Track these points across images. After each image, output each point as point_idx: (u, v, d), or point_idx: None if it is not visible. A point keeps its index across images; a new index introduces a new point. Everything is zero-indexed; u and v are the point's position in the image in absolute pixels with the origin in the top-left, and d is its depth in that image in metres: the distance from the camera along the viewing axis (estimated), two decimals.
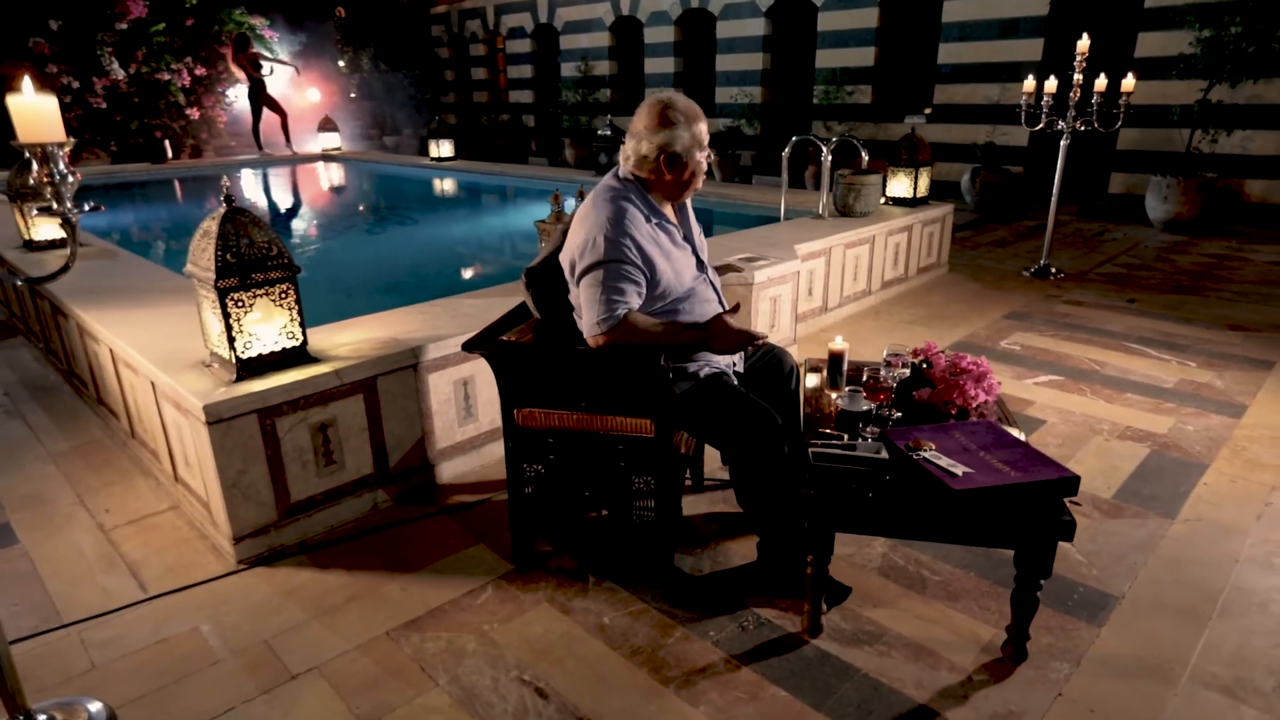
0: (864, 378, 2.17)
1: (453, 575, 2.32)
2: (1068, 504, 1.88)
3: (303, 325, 2.50)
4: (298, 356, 2.50)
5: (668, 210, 2.16)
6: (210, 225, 2.34)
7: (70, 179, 1.42)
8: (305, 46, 15.47)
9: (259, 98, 11.33)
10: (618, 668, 1.94)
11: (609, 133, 7.91)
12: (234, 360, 2.36)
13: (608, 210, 2.01)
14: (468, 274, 6.06)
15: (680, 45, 12.95)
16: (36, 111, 1.38)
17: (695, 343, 2.01)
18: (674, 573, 2.29)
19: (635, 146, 2.08)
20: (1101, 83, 5.39)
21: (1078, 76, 5.38)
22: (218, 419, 2.23)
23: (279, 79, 12.83)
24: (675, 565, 2.32)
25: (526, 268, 2.23)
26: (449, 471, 2.89)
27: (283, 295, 2.42)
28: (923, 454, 1.92)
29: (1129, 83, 5.30)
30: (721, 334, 2.00)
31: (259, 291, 2.36)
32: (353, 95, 16.91)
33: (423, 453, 2.79)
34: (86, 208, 1.45)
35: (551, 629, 2.08)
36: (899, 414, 2.24)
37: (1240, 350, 4.20)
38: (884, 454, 1.97)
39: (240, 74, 11.62)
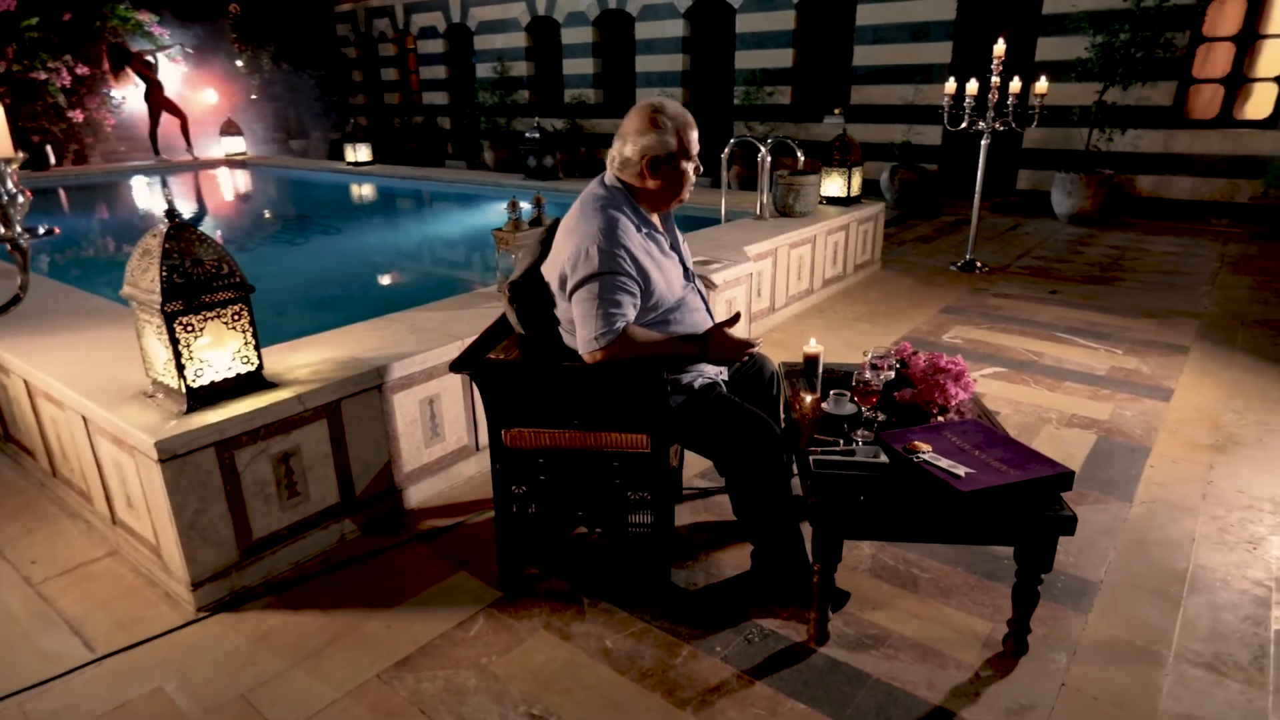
0: (853, 381, 2.17)
1: (439, 607, 2.19)
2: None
3: (258, 349, 2.32)
4: (253, 382, 2.31)
5: (655, 219, 2.10)
6: (151, 243, 2.13)
7: (20, 199, 1.25)
8: (198, 44, 14.58)
9: (156, 99, 10.59)
10: (630, 693, 1.87)
11: (537, 135, 7.76)
12: (184, 390, 2.16)
13: (599, 220, 1.94)
14: (407, 286, 5.83)
15: (599, 46, 12.89)
16: None
17: (693, 355, 1.97)
18: (671, 589, 2.24)
19: (620, 148, 2.02)
20: (1016, 85, 5.66)
21: (995, 79, 5.63)
22: (171, 455, 2.04)
23: (172, 78, 12.05)
24: (671, 581, 2.27)
25: (509, 281, 2.13)
26: (417, 495, 2.74)
27: (236, 317, 2.24)
28: (922, 456, 1.94)
29: (1042, 85, 5.59)
30: (720, 345, 1.96)
31: (209, 314, 2.17)
32: (254, 97, 16.06)
33: (390, 477, 2.64)
34: (41, 231, 1.27)
35: (553, 657, 1.99)
36: (884, 416, 2.26)
37: (1156, 336, 4.48)
38: (883, 458, 1.98)
39: (128, 82, 10.82)
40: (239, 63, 16.18)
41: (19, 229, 1.26)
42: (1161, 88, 8.03)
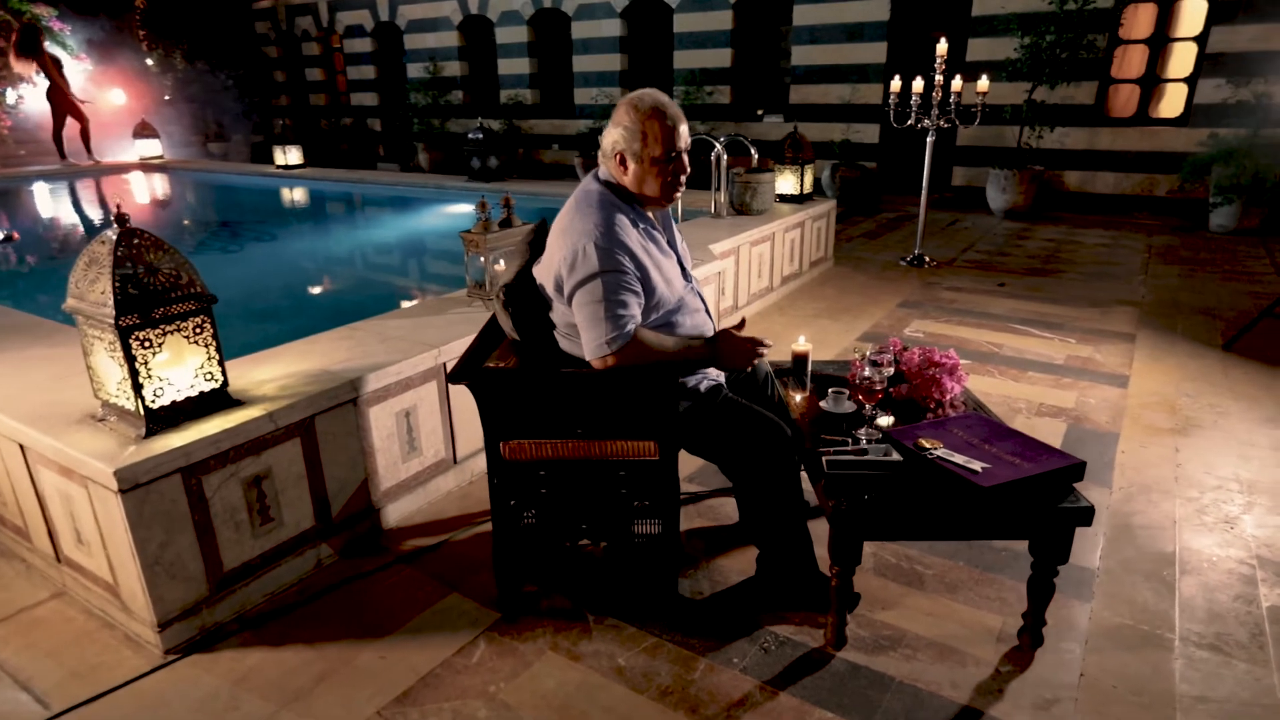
0: (855, 379, 2.14)
1: (434, 633, 2.06)
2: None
3: (222, 364, 2.13)
4: (218, 400, 2.12)
5: (651, 215, 2.02)
6: (99, 251, 1.93)
7: None
8: (104, 39, 13.74)
9: (59, 101, 9.88)
10: (651, 713, 1.79)
11: (480, 136, 7.56)
12: (141, 411, 1.96)
13: (595, 216, 1.84)
14: (357, 294, 5.56)
15: (534, 46, 12.70)
16: None
17: (705, 358, 1.89)
18: (679, 600, 2.16)
19: (602, 138, 1.94)
20: (958, 84, 5.80)
21: (939, 78, 5.76)
22: (133, 485, 1.84)
23: (75, 77, 11.28)
24: (677, 591, 2.19)
25: (503, 285, 2.01)
26: (395, 514, 2.59)
27: (198, 330, 2.05)
28: (935, 453, 1.92)
29: (984, 84, 5.74)
30: (731, 347, 1.89)
31: (169, 328, 1.98)
32: (167, 98, 15.22)
33: (367, 496, 2.48)
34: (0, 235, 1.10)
35: (565, 680, 1.89)
36: (883, 413, 2.23)
37: (1103, 325, 4.65)
38: (896, 456, 1.95)
39: (30, 68, 10.05)
40: (149, 61, 15.31)
41: None
42: (1084, 87, 8.40)
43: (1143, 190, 8.47)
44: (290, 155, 9.20)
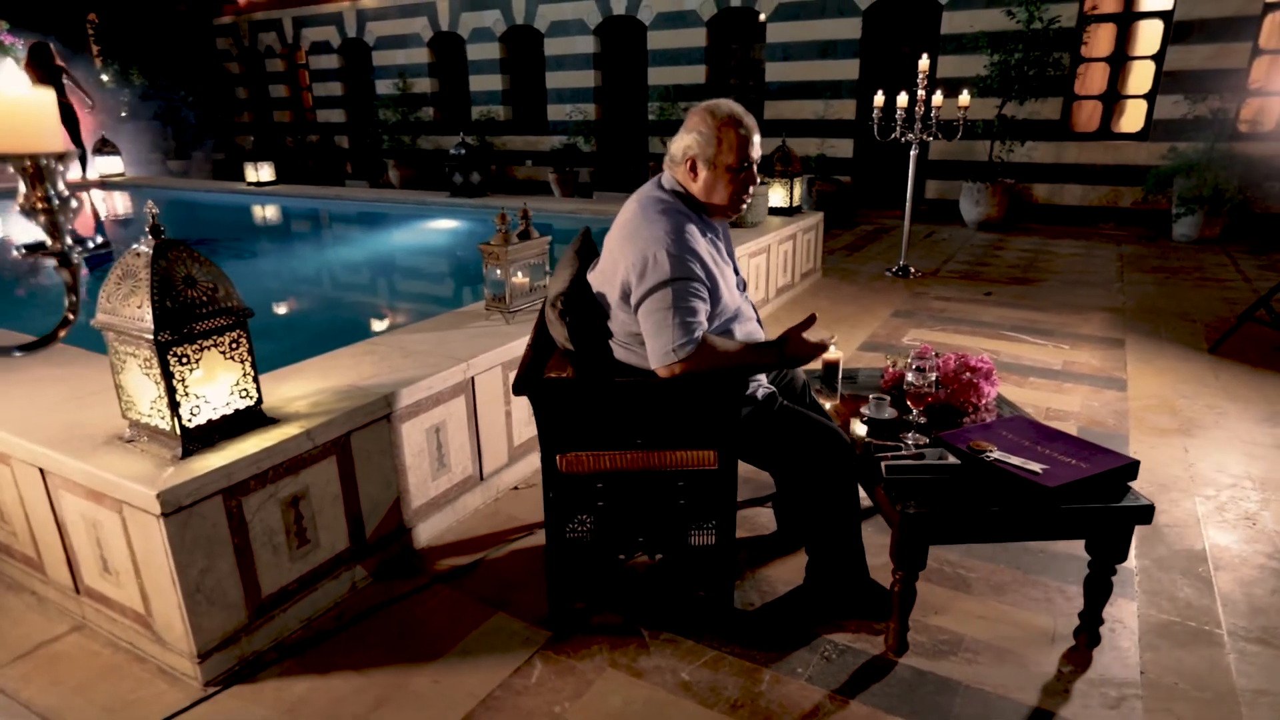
0: (904, 384, 2.15)
1: (486, 654, 1.99)
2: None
3: (256, 380, 2.05)
4: (253, 418, 2.04)
5: (715, 223, 2.01)
6: (135, 264, 1.85)
7: (73, 203, 1.02)
8: (57, 53, 13.33)
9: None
10: None
11: (462, 151, 7.48)
12: (177, 430, 1.87)
13: (665, 223, 1.82)
14: (354, 309, 5.43)
15: (506, 62, 12.68)
16: (26, 111, 0.97)
17: (773, 361, 1.88)
18: (733, 612, 2.13)
19: (670, 144, 1.93)
20: (939, 99, 5.93)
21: (921, 93, 5.89)
22: (176, 508, 1.75)
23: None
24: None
25: (559, 294, 1.97)
26: (427, 533, 2.51)
27: (234, 345, 1.97)
28: (993, 455, 1.93)
29: (965, 99, 5.89)
30: (797, 348, 1.87)
31: (205, 343, 1.90)
32: (124, 115, 14.82)
33: (399, 516, 2.40)
34: (91, 245, 1.04)
35: (631, 697, 1.84)
36: (924, 419, 2.24)
37: (1092, 331, 4.77)
38: (952, 460, 1.96)
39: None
40: (105, 77, 14.91)
41: (68, 241, 1.02)
42: (1051, 103, 8.67)
43: (1108, 202, 8.75)
44: (262, 171, 9.00)
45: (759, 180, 5.33)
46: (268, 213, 8.96)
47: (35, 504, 2.09)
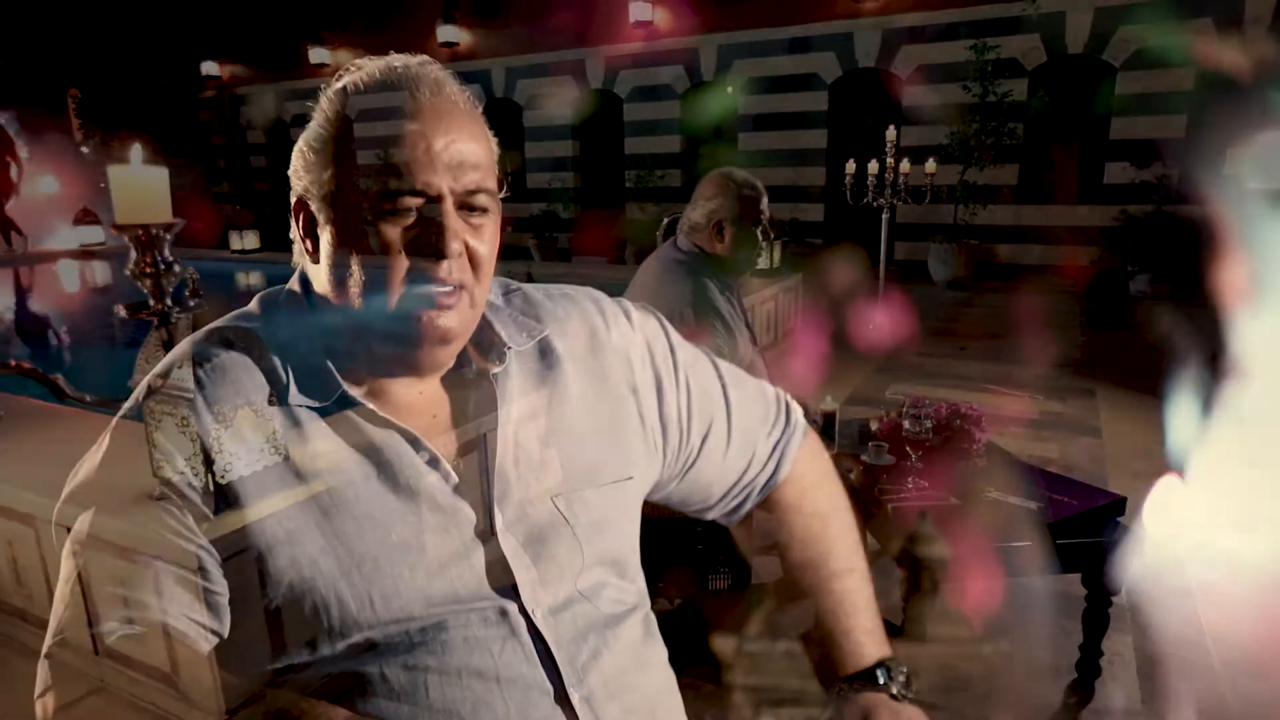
0: (903, 432, 2.28)
1: None
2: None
3: None
4: None
5: (730, 282, 2.16)
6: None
7: (176, 269, 1.13)
8: (35, 124, 13.46)
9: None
10: None
11: None
12: (212, 488, 1.92)
13: (689, 283, 1.96)
14: None
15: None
16: (143, 186, 1.09)
17: None
18: (750, 653, 2.19)
19: (689, 213, 2.08)
20: (907, 166, 6.29)
21: (890, 161, 6.24)
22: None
23: None
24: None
25: None
26: None
27: None
28: (992, 495, 2.06)
29: (931, 166, 6.26)
30: None
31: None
32: (102, 185, 14.88)
33: None
34: (192, 304, 1.15)
35: None
36: (921, 465, 2.37)
37: (1065, 383, 4.99)
38: (954, 500, 2.08)
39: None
40: (85, 150, 15.04)
41: (169, 302, 1.13)
42: (1008, 169, 9.17)
43: (1067, 261, 9.18)
44: (246, 239, 9.13)
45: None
46: (250, 279, 9.04)
47: (57, 564, 2.10)
